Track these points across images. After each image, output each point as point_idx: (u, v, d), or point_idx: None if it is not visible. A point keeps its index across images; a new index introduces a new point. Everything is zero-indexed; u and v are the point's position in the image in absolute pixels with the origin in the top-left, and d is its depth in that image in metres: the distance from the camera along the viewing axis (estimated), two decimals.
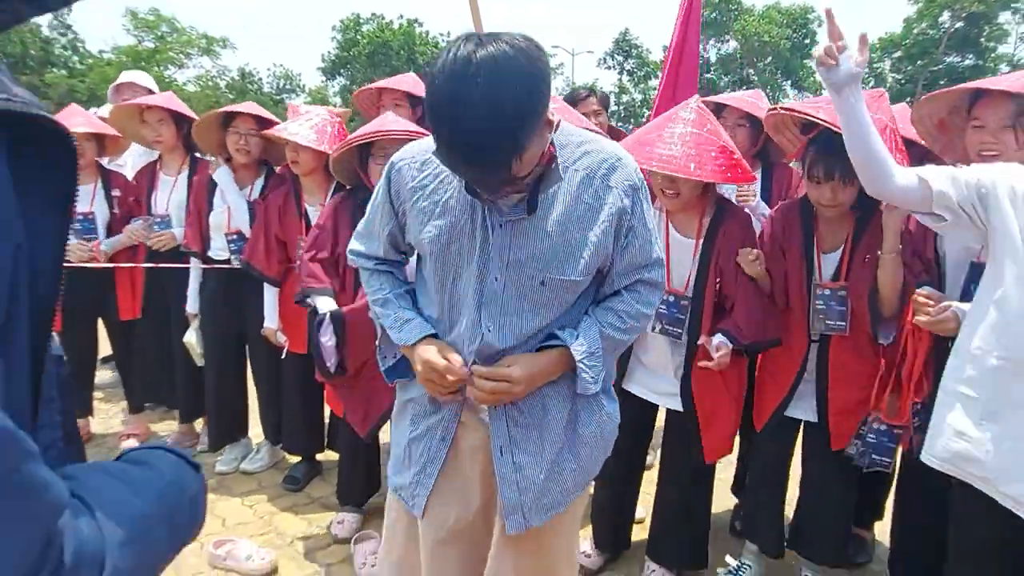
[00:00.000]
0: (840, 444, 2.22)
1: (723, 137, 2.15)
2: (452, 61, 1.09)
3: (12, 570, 0.43)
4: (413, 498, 1.50)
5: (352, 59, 32.40)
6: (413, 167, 1.38)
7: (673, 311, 2.22)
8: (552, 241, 1.32)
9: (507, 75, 1.07)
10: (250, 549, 2.57)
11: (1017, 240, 1.54)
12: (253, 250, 3.03)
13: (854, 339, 2.17)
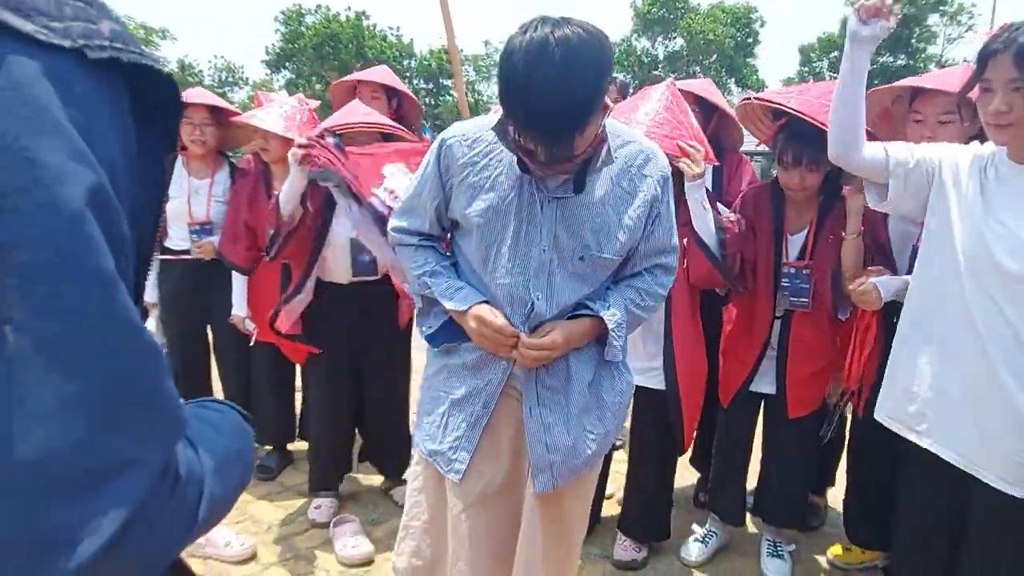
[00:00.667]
0: (796, 412, 2.37)
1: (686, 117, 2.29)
2: (530, 40, 1.20)
3: (148, 476, 0.47)
4: (451, 463, 1.54)
5: (298, 52, 31.76)
6: (464, 144, 1.46)
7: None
8: (593, 221, 1.44)
9: (580, 56, 1.19)
10: (229, 536, 2.58)
11: (951, 213, 1.68)
12: (225, 240, 3.04)
13: (815, 315, 2.32)
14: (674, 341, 2.33)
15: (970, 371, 1.63)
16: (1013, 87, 1.47)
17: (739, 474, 2.55)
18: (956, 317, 1.65)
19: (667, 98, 2.28)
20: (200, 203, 3.17)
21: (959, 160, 1.72)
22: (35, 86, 0.43)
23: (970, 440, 1.64)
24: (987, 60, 1.51)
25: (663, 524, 2.59)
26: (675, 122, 2.28)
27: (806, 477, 2.53)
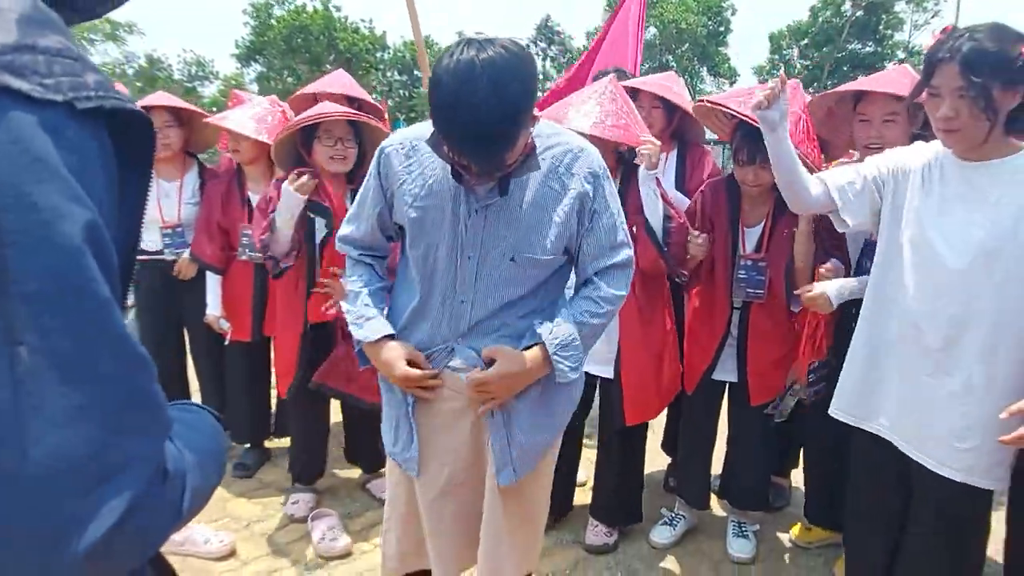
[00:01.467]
0: (758, 399, 2.46)
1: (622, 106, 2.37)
2: (457, 64, 1.25)
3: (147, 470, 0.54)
4: (406, 462, 1.65)
5: (267, 45, 31.30)
6: (401, 153, 1.52)
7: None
8: (521, 223, 1.48)
9: (506, 75, 1.25)
10: (207, 533, 2.62)
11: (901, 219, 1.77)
12: (196, 239, 3.06)
13: (771, 306, 2.41)
14: (620, 324, 2.40)
15: (911, 364, 1.73)
16: (959, 95, 1.54)
17: (703, 460, 2.64)
18: (903, 316, 1.74)
19: (611, 91, 2.37)
20: (171, 206, 3.18)
21: (907, 165, 1.80)
22: (35, 139, 0.50)
23: (909, 426, 1.74)
24: (934, 68, 1.58)
25: (633, 508, 2.67)
26: (626, 113, 2.37)
27: (768, 461, 2.64)
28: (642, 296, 2.43)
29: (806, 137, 2.21)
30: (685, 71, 31.36)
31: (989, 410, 1.60)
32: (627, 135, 2.32)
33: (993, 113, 1.52)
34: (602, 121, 2.27)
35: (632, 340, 2.42)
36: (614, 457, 2.60)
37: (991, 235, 1.59)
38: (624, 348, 2.42)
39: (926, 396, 1.71)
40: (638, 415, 2.47)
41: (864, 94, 2.21)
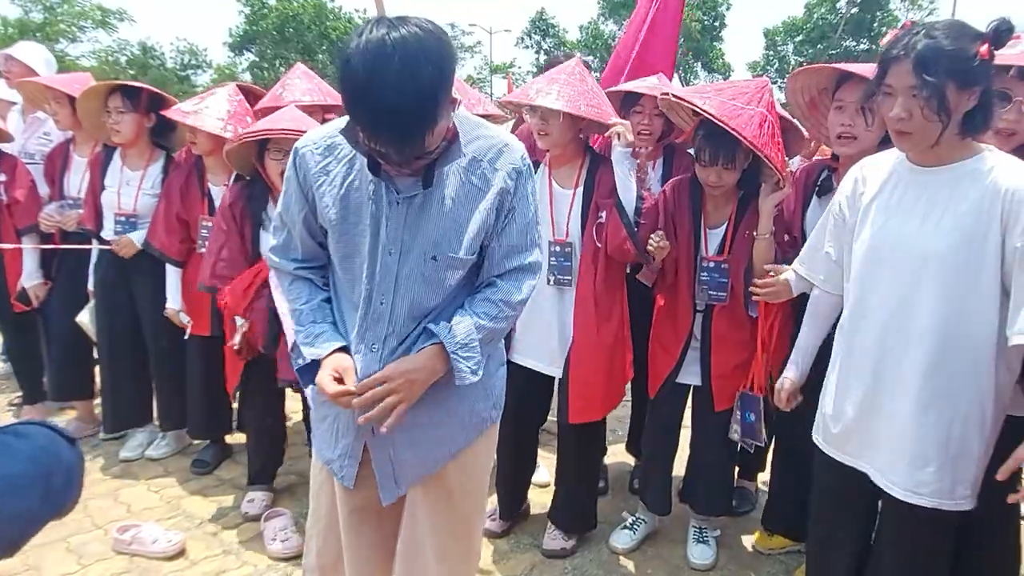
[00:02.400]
0: (722, 405, 2.40)
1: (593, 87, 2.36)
2: (367, 42, 1.18)
3: None
4: (343, 470, 1.55)
5: (260, 34, 31.05)
6: (316, 153, 1.43)
7: (561, 260, 2.37)
8: (443, 219, 1.40)
9: (419, 54, 1.17)
10: (156, 532, 2.55)
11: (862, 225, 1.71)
12: (154, 231, 2.99)
13: (733, 309, 2.35)
14: (575, 317, 2.35)
15: (869, 382, 1.67)
16: (912, 94, 1.47)
17: (665, 464, 2.58)
18: (864, 331, 1.68)
19: (579, 72, 2.34)
20: (129, 194, 3.11)
21: (862, 180, 1.73)
22: None
23: (872, 450, 1.68)
24: (888, 66, 1.51)
25: (588, 516, 2.62)
26: (595, 94, 2.35)
27: (731, 466, 2.59)
28: (601, 289, 2.37)
29: (771, 140, 2.13)
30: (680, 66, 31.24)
31: (945, 430, 1.55)
32: (601, 114, 2.29)
33: (946, 114, 1.45)
34: (574, 100, 2.23)
35: (586, 335, 2.36)
36: (570, 460, 2.55)
37: (940, 244, 1.53)
38: (577, 342, 2.36)
39: (884, 416, 1.64)
40: (582, 413, 2.41)
41: (844, 80, 2.13)
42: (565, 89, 2.27)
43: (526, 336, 2.46)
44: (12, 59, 3.70)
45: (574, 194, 2.38)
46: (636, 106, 2.70)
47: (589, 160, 2.42)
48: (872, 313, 1.66)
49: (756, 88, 2.19)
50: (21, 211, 3.29)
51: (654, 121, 2.70)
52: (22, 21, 28.64)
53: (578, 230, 2.36)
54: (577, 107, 2.22)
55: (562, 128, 2.28)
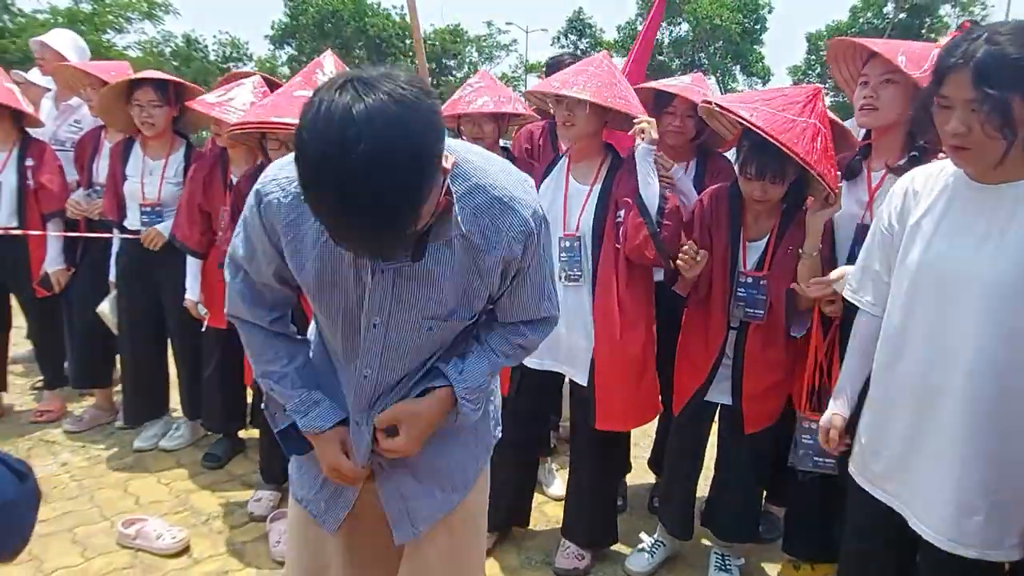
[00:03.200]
0: (752, 428, 2.27)
1: (620, 80, 2.29)
2: (327, 116, 0.91)
3: None
4: (324, 514, 1.41)
5: (301, 28, 31.40)
6: (284, 202, 1.17)
7: (571, 255, 2.28)
8: (436, 287, 1.20)
9: (393, 134, 0.91)
10: (161, 528, 2.51)
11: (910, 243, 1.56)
12: (177, 222, 2.98)
13: (770, 328, 2.21)
14: (596, 324, 2.26)
15: (910, 422, 1.52)
16: (971, 107, 1.32)
17: (688, 486, 2.45)
18: (904, 365, 1.53)
19: (607, 66, 2.27)
20: (152, 184, 3.10)
21: (912, 193, 1.58)
22: None
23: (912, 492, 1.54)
24: (944, 75, 1.35)
25: (607, 527, 2.50)
26: (624, 88, 2.28)
27: (757, 491, 2.45)
28: (624, 293, 2.27)
29: (823, 154, 1.98)
30: (717, 69, 30.84)
31: (995, 477, 1.40)
32: (629, 106, 2.21)
33: (1011, 131, 1.29)
34: (601, 92, 2.17)
35: (609, 338, 2.26)
36: (586, 470, 2.44)
37: (998, 271, 1.37)
38: (599, 344, 2.27)
39: (925, 457, 1.49)
40: (609, 421, 2.31)
41: (872, 58, 2.06)
42: (593, 81, 2.20)
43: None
44: (46, 46, 3.72)
45: (590, 190, 2.31)
46: (669, 107, 2.60)
47: (610, 159, 2.34)
48: (914, 343, 1.51)
49: (807, 97, 2.05)
50: (47, 196, 3.30)
51: (686, 123, 2.59)
52: (71, 11, 29.36)
53: (589, 225, 2.29)
54: (604, 98, 2.15)
55: (587, 119, 2.22)
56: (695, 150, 2.73)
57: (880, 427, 1.61)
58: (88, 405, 3.56)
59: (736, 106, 2.05)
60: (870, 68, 2.05)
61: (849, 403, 1.78)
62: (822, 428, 1.79)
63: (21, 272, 3.33)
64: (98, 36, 28.68)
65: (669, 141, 2.63)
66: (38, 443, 3.26)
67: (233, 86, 2.93)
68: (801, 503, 2.38)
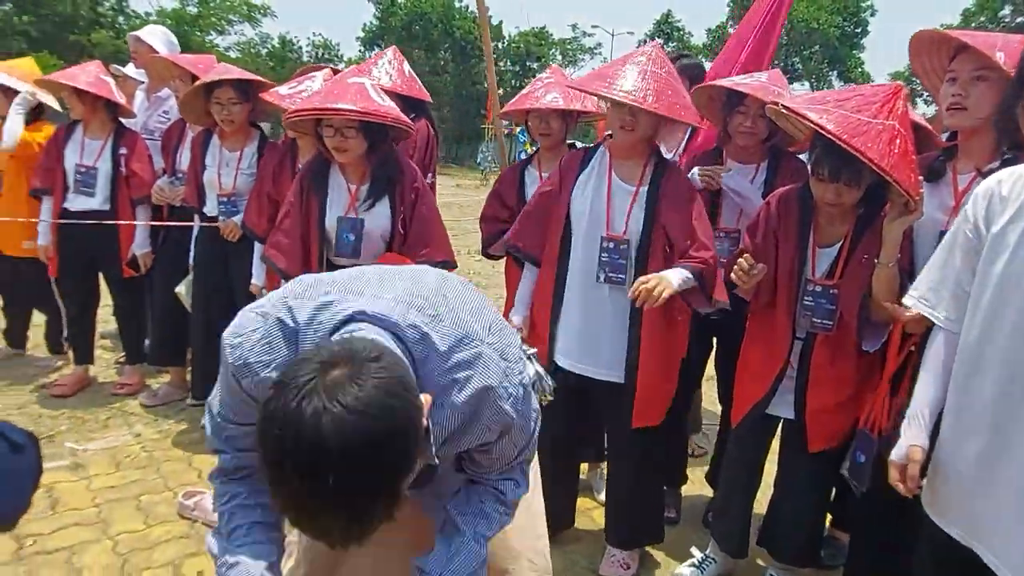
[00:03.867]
0: (817, 446, 2.14)
1: (676, 79, 2.21)
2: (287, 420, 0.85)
3: None
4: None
5: (389, 30, 32.29)
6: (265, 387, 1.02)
7: (614, 256, 2.21)
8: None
9: (368, 456, 0.85)
10: None
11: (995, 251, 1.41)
12: (247, 210, 3.09)
13: (839, 340, 2.08)
14: (643, 324, 2.20)
15: (986, 448, 1.37)
16: None
17: (744, 501, 2.34)
18: (982, 383, 1.39)
19: (659, 58, 2.18)
20: (229, 175, 3.23)
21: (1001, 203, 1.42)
22: None
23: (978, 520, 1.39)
24: None
25: (649, 526, 2.42)
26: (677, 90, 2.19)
27: (819, 511, 2.30)
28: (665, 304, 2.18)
29: (902, 159, 1.82)
30: (812, 75, 29.60)
31: None
32: (691, 115, 2.12)
33: None
34: (665, 96, 2.07)
35: (653, 340, 2.21)
36: (626, 469, 2.37)
37: None
38: (645, 346, 2.21)
39: (1003, 485, 1.34)
40: (645, 417, 2.27)
41: (960, 52, 1.88)
42: (652, 83, 2.09)
43: (575, 339, 2.30)
44: (140, 41, 3.95)
45: (637, 191, 2.22)
46: (740, 105, 2.48)
47: (655, 159, 2.26)
48: (992, 359, 1.36)
49: (885, 96, 1.88)
50: (137, 183, 3.51)
51: (758, 123, 2.46)
52: (178, 13, 31.27)
53: (638, 228, 2.21)
54: (675, 110, 2.06)
55: (649, 124, 2.15)
56: (767, 151, 2.60)
57: (953, 451, 1.47)
58: (164, 382, 3.74)
59: (805, 108, 1.91)
60: (959, 63, 1.88)
61: (926, 431, 1.59)
62: (896, 464, 1.59)
63: (111, 253, 3.54)
64: (201, 37, 30.44)
65: (739, 142, 2.53)
66: (116, 414, 3.45)
67: (304, 79, 3.02)
68: (866, 529, 2.22)
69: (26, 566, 2.25)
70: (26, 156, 3.58)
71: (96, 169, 3.45)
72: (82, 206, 3.44)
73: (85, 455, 3.00)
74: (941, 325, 1.56)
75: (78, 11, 29.60)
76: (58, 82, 3.45)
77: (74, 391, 3.63)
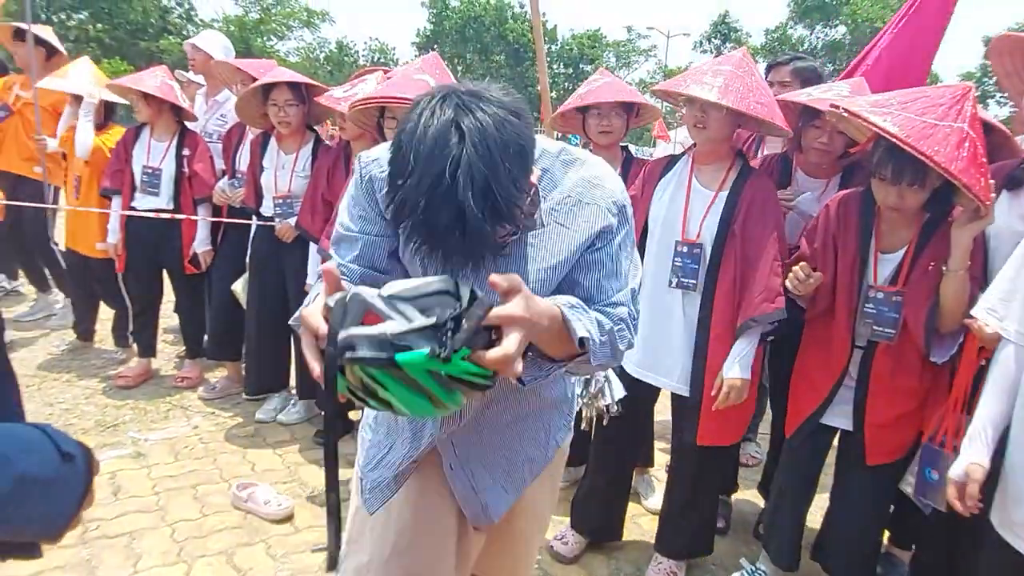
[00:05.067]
0: (876, 459, 2.06)
1: (762, 83, 2.13)
2: (425, 132, 0.92)
3: None
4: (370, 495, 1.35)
5: (443, 33, 32.66)
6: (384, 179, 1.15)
7: (687, 261, 2.16)
8: (525, 266, 1.17)
9: (498, 150, 0.92)
10: (270, 495, 2.67)
11: None
12: (303, 211, 3.16)
13: (902, 350, 1.99)
14: (710, 340, 2.14)
15: None
16: None
17: (796, 512, 2.27)
18: None
19: (747, 64, 2.10)
20: (284, 177, 3.30)
21: None
22: None
23: None
24: None
25: (702, 540, 2.38)
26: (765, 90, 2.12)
27: (877, 526, 2.21)
28: (738, 307, 2.13)
29: (971, 162, 1.73)
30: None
31: None
32: (772, 113, 2.05)
33: None
34: (743, 96, 2.00)
35: (720, 357, 2.14)
36: (685, 484, 2.32)
37: None
38: (713, 358, 2.15)
39: None
40: (713, 436, 2.21)
41: None
42: (733, 82, 2.03)
43: (641, 345, 2.25)
44: (196, 48, 4.09)
45: (715, 196, 2.16)
46: (816, 120, 2.37)
47: (739, 165, 2.19)
48: None
49: (953, 98, 1.79)
50: (199, 183, 3.64)
51: (835, 139, 2.36)
52: (241, 20, 32.34)
53: (712, 234, 2.14)
54: (748, 104, 1.99)
55: (722, 122, 2.08)
56: (840, 166, 2.49)
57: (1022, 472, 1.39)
58: (222, 376, 3.86)
59: (868, 111, 1.84)
60: None
61: (989, 449, 1.54)
62: (955, 482, 1.55)
63: (175, 251, 3.68)
64: (263, 42, 31.38)
65: (813, 158, 2.44)
66: (176, 405, 3.58)
67: (359, 82, 3.07)
68: (929, 548, 2.13)
69: (90, 549, 2.35)
70: (98, 161, 3.76)
71: (161, 170, 3.59)
72: (148, 205, 3.59)
73: (146, 445, 3.11)
74: (1010, 338, 1.49)
75: (148, 19, 30.94)
76: (127, 86, 3.61)
77: (137, 383, 3.78)
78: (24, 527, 0.66)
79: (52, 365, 4.01)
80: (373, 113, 2.52)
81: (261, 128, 3.39)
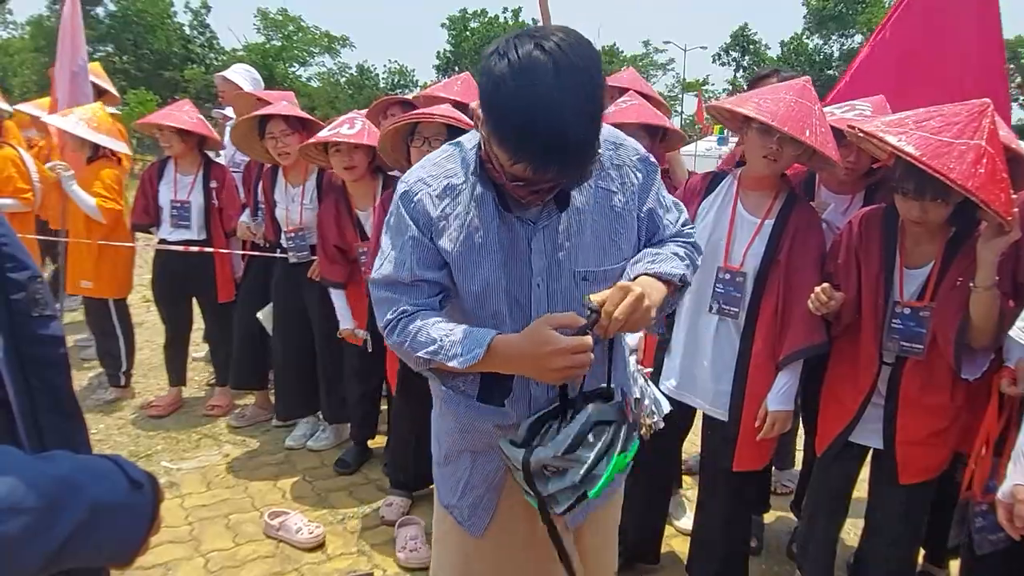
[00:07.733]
0: (909, 478, 2.03)
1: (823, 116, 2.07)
2: (519, 63, 1.06)
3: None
4: (471, 519, 1.45)
5: (461, 55, 33.07)
6: (433, 196, 1.29)
7: (729, 289, 2.14)
8: (585, 235, 1.31)
9: (579, 64, 1.07)
10: (301, 523, 2.69)
11: None
12: (321, 262, 3.15)
13: (931, 366, 1.96)
14: (750, 366, 2.13)
15: None
16: None
17: (828, 532, 2.23)
18: None
19: (809, 93, 2.04)
20: (294, 211, 3.32)
21: None
22: None
23: None
24: None
25: (735, 565, 2.35)
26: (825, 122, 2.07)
27: (911, 545, 2.17)
28: (779, 335, 2.13)
29: (990, 178, 1.71)
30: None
31: None
32: (836, 153, 2.00)
33: None
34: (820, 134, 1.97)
35: (763, 377, 2.13)
36: (717, 508, 2.30)
37: None
38: (753, 391, 2.14)
39: None
40: (748, 461, 2.19)
41: None
42: (805, 115, 1.97)
43: (678, 367, 2.27)
44: (226, 80, 4.19)
45: (761, 224, 2.14)
46: (842, 139, 2.35)
47: (786, 193, 2.16)
48: None
49: (970, 115, 1.78)
50: (228, 216, 3.70)
51: (861, 158, 2.34)
52: (263, 47, 33.04)
53: (757, 262, 2.12)
54: (827, 147, 1.96)
55: (792, 157, 2.06)
56: (864, 183, 2.47)
57: None
58: (250, 404, 3.91)
59: (883, 131, 1.83)
60: None
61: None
62: (1003, 504, 1.52)
63: (205, 281, 3.75)
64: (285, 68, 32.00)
65: (839, 175, 2.41)
66: (206, 435, 3.63)
67: (344, 121, 3.02)
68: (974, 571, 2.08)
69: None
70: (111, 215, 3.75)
71: (189, 203, 3.66)
72: (179, 238, 3.66)
73: (179, 474, 3.17)
74: None
75: (171, 49, 31.72)
76: (162, 124, 3.60)
77: (168, 412, 3.84)
78: (98, 552, 0.70)
79: (83, 396, 4.09)
80: (398, 147, 2.55)
81: (267, 161, 3.40)
